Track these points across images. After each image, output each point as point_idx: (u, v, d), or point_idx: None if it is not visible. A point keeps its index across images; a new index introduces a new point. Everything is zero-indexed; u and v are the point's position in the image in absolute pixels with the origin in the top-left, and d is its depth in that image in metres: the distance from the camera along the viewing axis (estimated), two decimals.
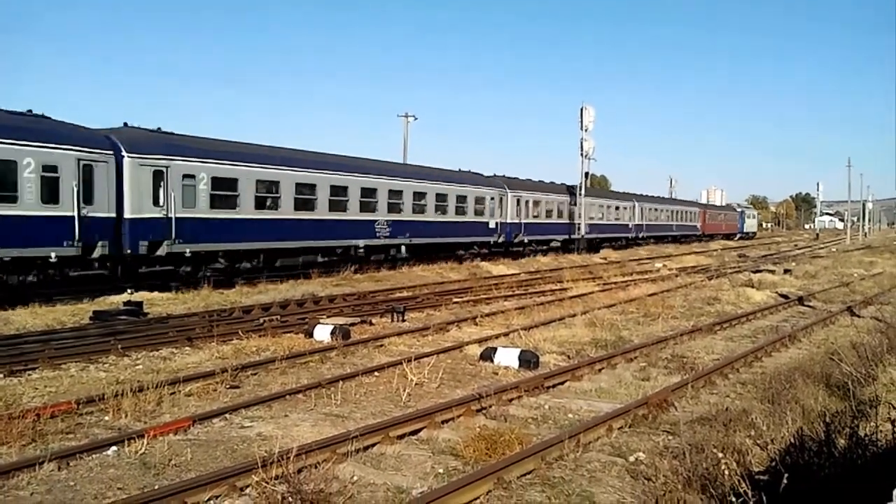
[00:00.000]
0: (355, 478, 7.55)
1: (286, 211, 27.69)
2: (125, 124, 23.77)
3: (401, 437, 8.87)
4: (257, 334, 15.50)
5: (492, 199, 41.24)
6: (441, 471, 7.89)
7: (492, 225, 41.19)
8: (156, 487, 7.14)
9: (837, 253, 57.48)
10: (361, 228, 31.57)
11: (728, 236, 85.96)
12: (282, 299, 21.51)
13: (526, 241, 44.60)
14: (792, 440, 7.46)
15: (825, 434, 7.09)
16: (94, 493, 7.17)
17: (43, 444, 8.46)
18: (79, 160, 20.58)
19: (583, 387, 12.01)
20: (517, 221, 43.42)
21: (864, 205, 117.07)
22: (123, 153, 22.08)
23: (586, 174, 49.74)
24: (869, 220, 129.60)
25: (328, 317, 18.00)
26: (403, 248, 34.48)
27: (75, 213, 20.39)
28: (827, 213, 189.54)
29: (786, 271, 35.15)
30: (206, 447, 8.54)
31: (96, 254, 21.32)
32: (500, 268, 35.56)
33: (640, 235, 61.73)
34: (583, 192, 48.12)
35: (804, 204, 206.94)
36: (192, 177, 24.00)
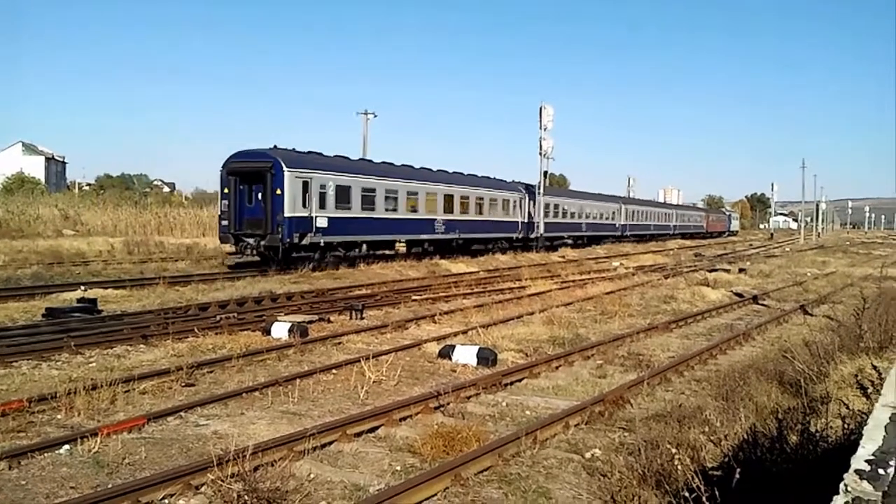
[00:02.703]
0: (312, 475, 7.52)
1: (582, 220, 57.33)
2: (513, 180, 49.14)
3: (358, 434, 8.85)
4: (214, 332, 15.34)
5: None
6: (398, 468, 7.89)
7: (617, 225, 66.17)
8: (109, 486, 7.05)
9: (791, 252, 58.58)
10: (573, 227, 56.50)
11: (721, 233, 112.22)
12: (239, 296, 21.26)
13: (629, 234, 69.25)
14: (745, 436, 7.58)
15: (777, 430, 7.20)
16: (46, 492, 7.05)
17: None
18: (520, 198, 47.28)
19: (540, 384, 12.09)
20: (626, 223, 68.08)
21: (817, 205, 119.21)
22: (524, 193, 47.93)
23: (545, 173, 50.63)
24: (822, 221, 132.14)
25: (286, 314, 17.88)
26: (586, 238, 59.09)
27: (519, 220, 47.12)
28: (781, 214, 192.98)
29: (741, 270, 35.65)
30: (160, 445, 8.43)
31: (521, 236, 47.14)
32: (459, 266, 35.52)
33: (675, 232, 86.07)
34: (541, 190, 49.01)
35: (759, 204, 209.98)
36: (548, 204, 50.25)
